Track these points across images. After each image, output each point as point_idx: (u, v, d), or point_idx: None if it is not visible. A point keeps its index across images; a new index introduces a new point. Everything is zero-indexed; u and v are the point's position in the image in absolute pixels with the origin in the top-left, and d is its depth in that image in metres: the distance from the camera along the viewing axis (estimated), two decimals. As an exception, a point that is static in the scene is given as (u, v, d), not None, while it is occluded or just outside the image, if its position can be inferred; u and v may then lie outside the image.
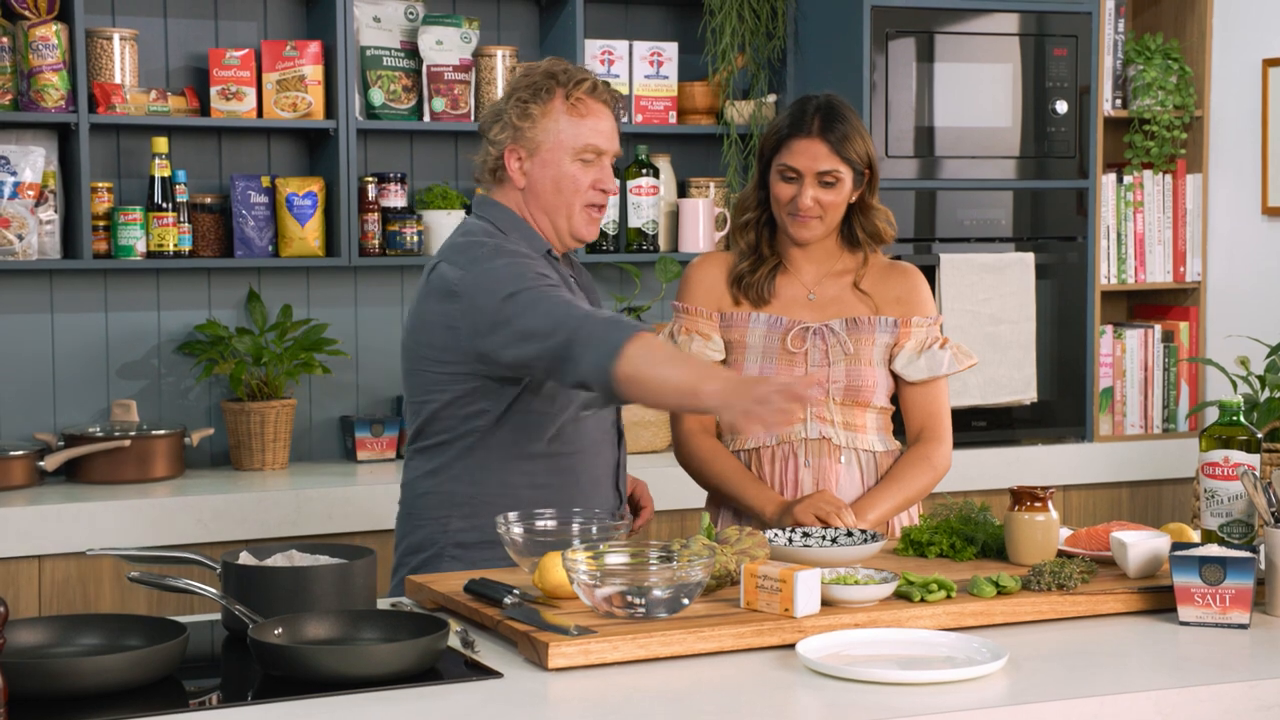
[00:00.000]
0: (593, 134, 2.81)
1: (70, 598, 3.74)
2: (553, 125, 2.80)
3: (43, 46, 3.97)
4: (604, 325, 2.57)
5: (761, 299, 3.03)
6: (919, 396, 3.07)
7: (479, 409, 2.77)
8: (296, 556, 2.46)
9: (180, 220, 4.14)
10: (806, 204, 2.96)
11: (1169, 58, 4.86)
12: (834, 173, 2.96)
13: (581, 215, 2.84)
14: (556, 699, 2.10)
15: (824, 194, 2.97)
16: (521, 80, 2.83)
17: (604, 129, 2.83)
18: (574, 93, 2.80)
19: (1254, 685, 2.17)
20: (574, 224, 2.84)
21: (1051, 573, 2.49)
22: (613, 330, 2.55)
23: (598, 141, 2.81)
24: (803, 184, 2.96)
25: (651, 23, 4.73)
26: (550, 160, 2.81)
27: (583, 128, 2.80)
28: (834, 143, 2.95)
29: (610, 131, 2.84)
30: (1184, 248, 4.94)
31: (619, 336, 2.53)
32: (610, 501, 2.89)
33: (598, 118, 2.82)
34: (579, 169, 2.81)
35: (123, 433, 4.06)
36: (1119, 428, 4.86)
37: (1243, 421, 2.71)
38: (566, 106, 2.80)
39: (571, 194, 2.82)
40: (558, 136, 2.80)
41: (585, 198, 2.82)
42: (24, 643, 2.18)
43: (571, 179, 2.81)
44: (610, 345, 2.53)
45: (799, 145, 2.96)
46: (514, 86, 2.84)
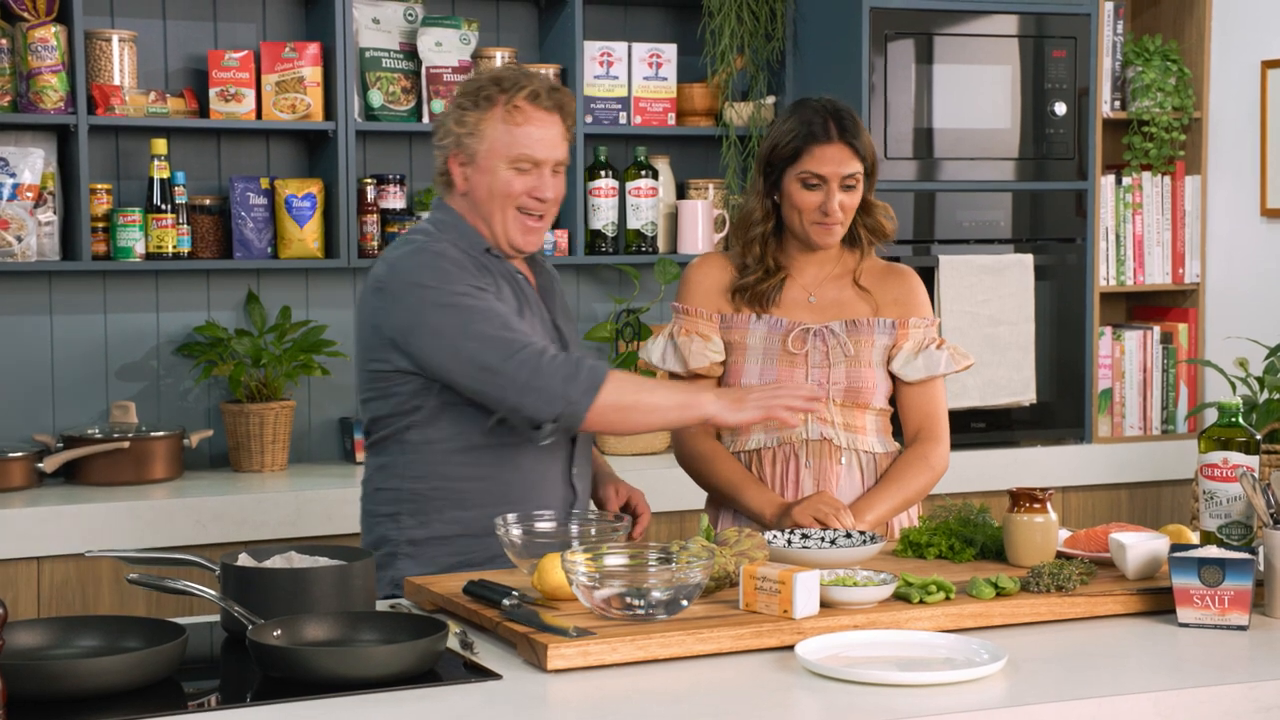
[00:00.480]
0: (527, 142, 2.79)
1: (69, 599, 3.74)
2: (489, 132, 2.79)
3: (41, 48, 3.97)
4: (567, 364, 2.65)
5: (764, 307, 3.03)
6: (916, 397, 3.07)
7: (414, 404, 2.79)
8: (295, 558, 2.46)
9: (179, 222, 4.14)
10: (834, 208, 2.96)
11: (1168, 59, 4.86)
12: (856, 175, 2.97)
13: (515, 223, 2.82)
14: (555, 701, 2.10)
15: (846, 197, 2.98)
16: (466, 86, 2.83)
17: (542, 136, 2.80)
18: (513, 99, 2.78)
19: (1253, 687, 2.17)
20: (509, 232, 2.83)
21: (1050, 574, 2.49)
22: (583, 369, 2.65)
23: (532, 150, 2.79)
24: (828, 190, 2.96)
25: (651, 24, 4.73)
26: (486, 167, 2.80)
27: (518, 135, 2.79)
28: (855, 146, 2.96)
29: (550, 140, 2.82)
30: (1183, 249, 4.94)
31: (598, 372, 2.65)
32: (562, 496, 2.85)
33: (536, 125, 2.80)
34: (513, 176, 2.80)
35: (122, 434, 4.06)
36: (1118, 429, 4.87)
37: (1241, 423, 2.71)
38: (504, 114, 2.79)
39: (504, 199, 2.81)
40: (493, 144, 2.79)
41: (517, 203, 2.81)
42: (23, 644, 2.18)
43: (504, 184, 2.80)
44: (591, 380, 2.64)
45: (822, 152, 2.95)
46: (460, 92, 2.84)
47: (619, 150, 4.68)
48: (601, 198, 4.53)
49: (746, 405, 2.72)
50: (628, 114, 4.56)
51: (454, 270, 2.74)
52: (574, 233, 4.49)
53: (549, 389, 2.66)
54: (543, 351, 2.68)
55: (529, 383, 2.66)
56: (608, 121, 4.54)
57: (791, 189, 2.99)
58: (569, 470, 2.87)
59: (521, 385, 2.67)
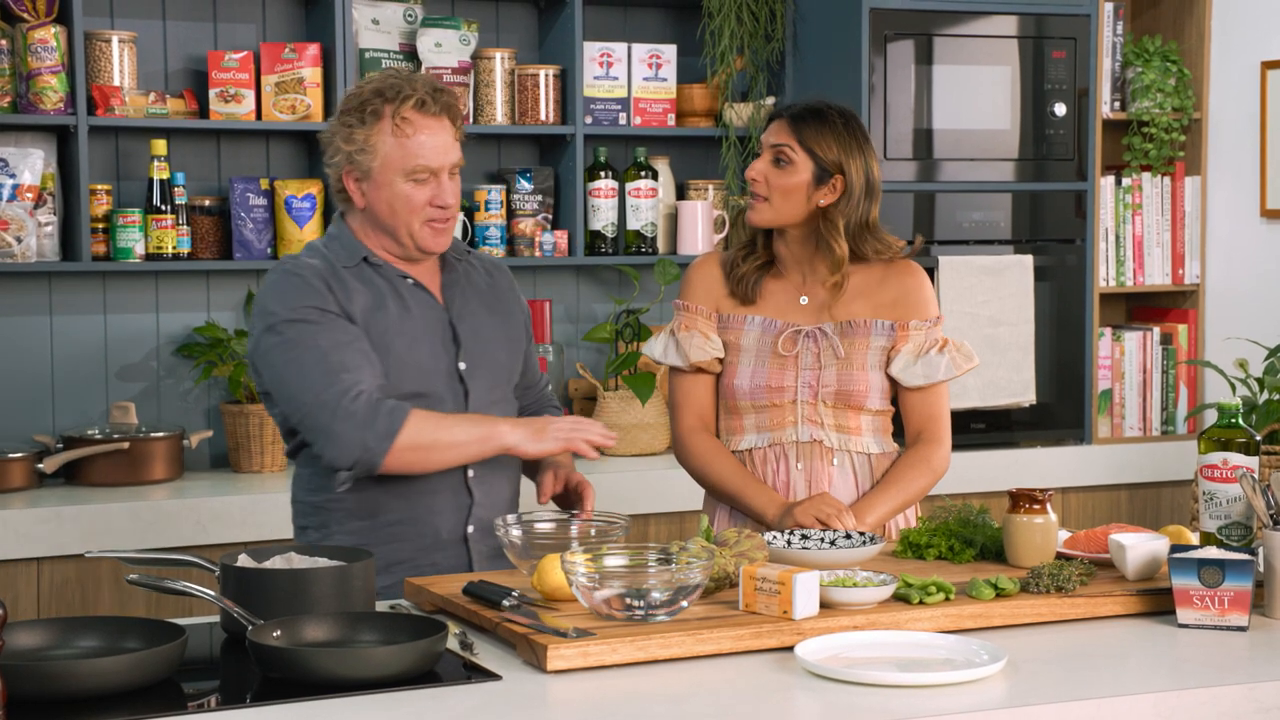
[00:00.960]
0: (421, 153, 2.76)
1: (69, 600, 3.74)
2: (380, 148, 2.76)
3: (41, 49, 3.97)
4: (367, 408, 2.64)
5: (749, 297, 3.03)
6: (918, 399, 3.06)
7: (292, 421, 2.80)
8: (295, 559, 2.46)
9: (179, 222, 4.14)
10: (752, 173, 2.97)
11: (1167, 60, 4.86)
12: (785, 149, 2.95)
13: (423, 231, 2.80)
14: (555, 701, 2.10)
15: (774, 172, 2.96)
16: (350, 101, 2.79)
17: (435, 144, 2.77)
18: (400, 111, 2.74)
19: (1253, 688, 2.17)
20: (418, 240, 2.81)
21: (1050, 575, 2.49)
22: (380, 414, 2.64)
23: (427, 161, 2.76)
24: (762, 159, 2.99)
25: (650, 25, 4.73)
26: (382, 182, 2.77)
27: (410, 147, 2.75)
28: (795, 125, 2.96)
29: (443, 146, 2.78)
30: (1182, 250, 4.94)
31: (396, 416, 2.64)
32: (460, 502, 2.82)
33: (427, 133, 2.76)
34: (412, 189, 2.77)
35: (121, 435, 4.06)
36: (1118, 430, 4.87)
37: (1241, 424, 2.71)
38: (392, 127, 2.75)
39: (408, 214, 2.78)
40: (386, 159, 2.76)
41: (422, 215, 2.79)
42: (23, 645, 2.18)
43: (405, 199, 2.77)
44: (388, 425, 2.64)
45: (771, 125, 3.01)
46: (344, 107, 2.79)
47: (619, 151, 4.68)
48: (601, 198, 4.53)
49: (546, 437, 2.71)
50: (627, 115, 4.56)
51: (299, 292, 2.72)
52: (574, 233, 4.49)
53: (345, 436, 2.65)
54: (344, 394, 2.65)
55: (328, 428, 2.66)
56: (607, 122, 4.54)
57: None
58: (464, 475, 2.84)
59: (321, 430, 2.67)
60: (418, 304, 2.84)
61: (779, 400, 2.99)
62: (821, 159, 2.95)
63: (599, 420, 4.48)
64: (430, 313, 2.85)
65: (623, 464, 4.35)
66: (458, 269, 2.93)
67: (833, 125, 2.96)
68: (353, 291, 2.78)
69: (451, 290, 2.90)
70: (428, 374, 2.79)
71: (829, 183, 2.96)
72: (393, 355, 2.78)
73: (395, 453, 2.65)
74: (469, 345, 2.86)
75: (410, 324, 2.81)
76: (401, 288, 2.83)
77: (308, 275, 2.76)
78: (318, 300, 2.73)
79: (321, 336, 2.70)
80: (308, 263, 2.79)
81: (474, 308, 2.91)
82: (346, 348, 2.71)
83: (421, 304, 2.84)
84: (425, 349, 2.81)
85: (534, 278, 4.61)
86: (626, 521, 2.72)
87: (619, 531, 2.69)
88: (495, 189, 4.45)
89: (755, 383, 3.00)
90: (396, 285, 2.83)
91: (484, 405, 2.85)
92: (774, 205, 2.97)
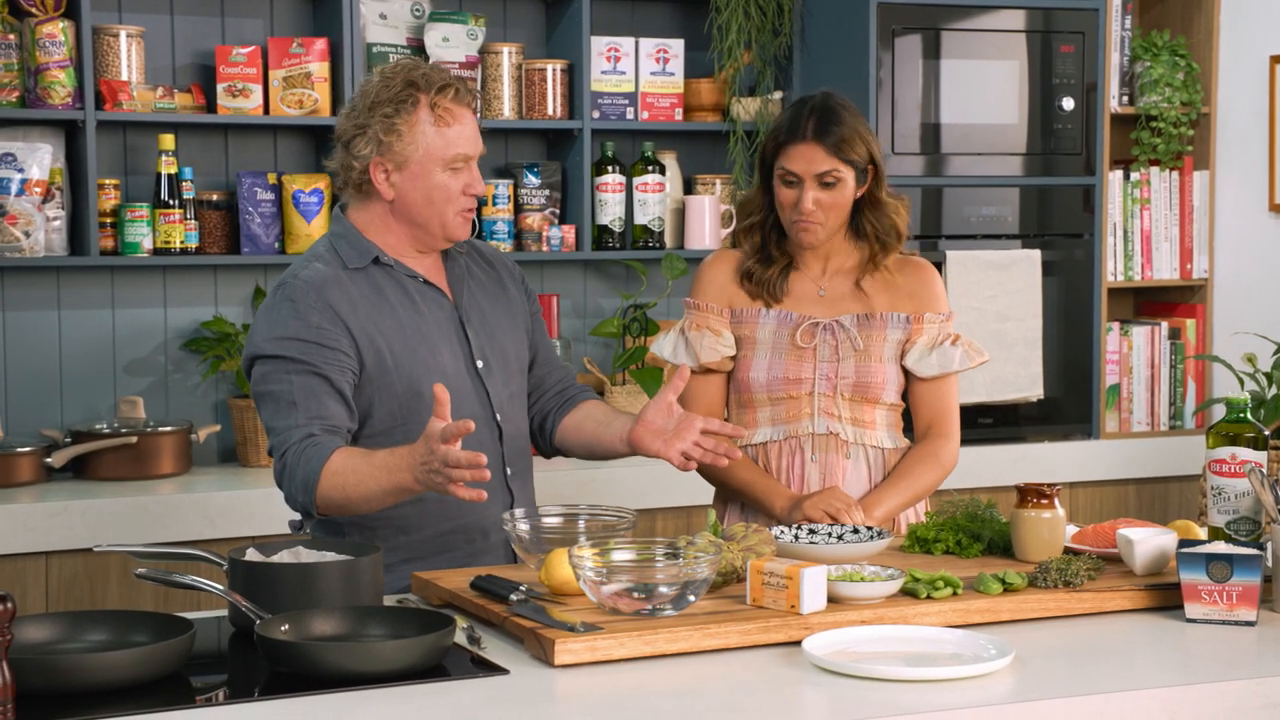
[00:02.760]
0: (460, 142, 2.77)
1: (77, 594, 3.74)
2: (421, 138, 2.75)
3: (49, 43, 3.97)
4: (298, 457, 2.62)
5: (774, 297, 3.03)
6: (928, 392, 3.07)
7: None
8: (303, 553, 2.46)
9: (187, 217, 4.14)
10: (808, 207, 2.95)
11: (1176, 54, 4.85)
12: (833, 173, 2.95)
13: (456, 220, 2.80)
14: (563, 696, 2.10)
15: (825, 195, 2.96)
16: (383, 92, 2.76)
17: (469, 134, 2.79)
18: (439, 101, 2.75)
19: (1261, 682, 2.17)
20: (449, 229, 2.80)
21: (1058, 570, 2.49)
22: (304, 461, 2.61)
23: (465, 149, 2.78)
24: (803, 188, 2.96)
25: (658, 19, 4.73)
26: (420, 173, 2.76)
27: (451, 135, 2.76)
28: (830, 145, 2.94)
29: (475, 135, 2.80)
30: (1191, 245, 4.93)
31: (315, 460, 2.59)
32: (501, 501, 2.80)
33: (462, 123, 2.78)
34: (449, 178, 2.77)
35: (129, 429, 4.06)
36: (1125, 425, 4.86)
37: (1250, 419, 2.70)
38: (433, 117, 2.75)
39: (444, 204, 2.78)
40: (427, 148, 2.75)
41: (458, 205, 2.79)
42: (31, 639, 2.19)
43: (443, 189, 2.77)
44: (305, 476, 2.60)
45: (796, 150, 2.96)
46: (376, 98, 2.76)
47: (626, 145, 4.68)
48: (608, 193, 4.53)
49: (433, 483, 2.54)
50: (635, 109, 4.56)
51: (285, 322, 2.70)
52: (581, 228, 4.49)
53: (285, 486, 2.66)
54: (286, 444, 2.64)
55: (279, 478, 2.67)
56: (615, 117, 4.54)
57: (775, 185, 3.00)
58: (504, 474, 2.84)
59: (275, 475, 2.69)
60: (430, 305, 2.82)
61: (795, 393, 2.99)
62: (858, 163, 2.97)
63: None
64: (441, 313, 2.83)
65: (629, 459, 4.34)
66: (459, 261, 2.91)
67: (851, 124, 2.97)
68: (359, 301, 2.75)
69: (458, 285, 2.88)
70: (450, 377, 2.77)
71: (866, 179, 3.00)
72: (418, 360, 2.76)
73: (320, 503, 2.62)
74: (480, 342, 2.85)
75: (426, 328, 2.79)
76: (412, 289, 2.82)
77: (300, 299, 2.72)
78: (302, 331, 2.70)
79: (294, 374, 2.68)
80: (305, 281, 2.74)
81: (478, 300, 2.90)
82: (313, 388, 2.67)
83: (433, 304, 2.83)
84: (445, 352, 2.80)
85: (541, 272, 4.61)
86: (634, 516, 2.71)
87: (626, 526, 2.69)
88: (503, 183, 4.45)
89: (772, 375, 3.00)
90: (407, 287, 2.81)
91: (503, 401, 2.84)
92: (829, 224, 2.99)
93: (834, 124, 2.95)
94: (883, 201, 3.03)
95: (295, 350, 2.69)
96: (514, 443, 2.87)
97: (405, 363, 2.75)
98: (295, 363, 2.68)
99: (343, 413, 2.69)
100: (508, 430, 2.84)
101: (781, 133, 2.98)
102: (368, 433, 2.76)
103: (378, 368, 2.73)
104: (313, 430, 2.64)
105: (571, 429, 2.97)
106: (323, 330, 2.70)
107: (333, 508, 2.62)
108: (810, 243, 3.00)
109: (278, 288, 2.77)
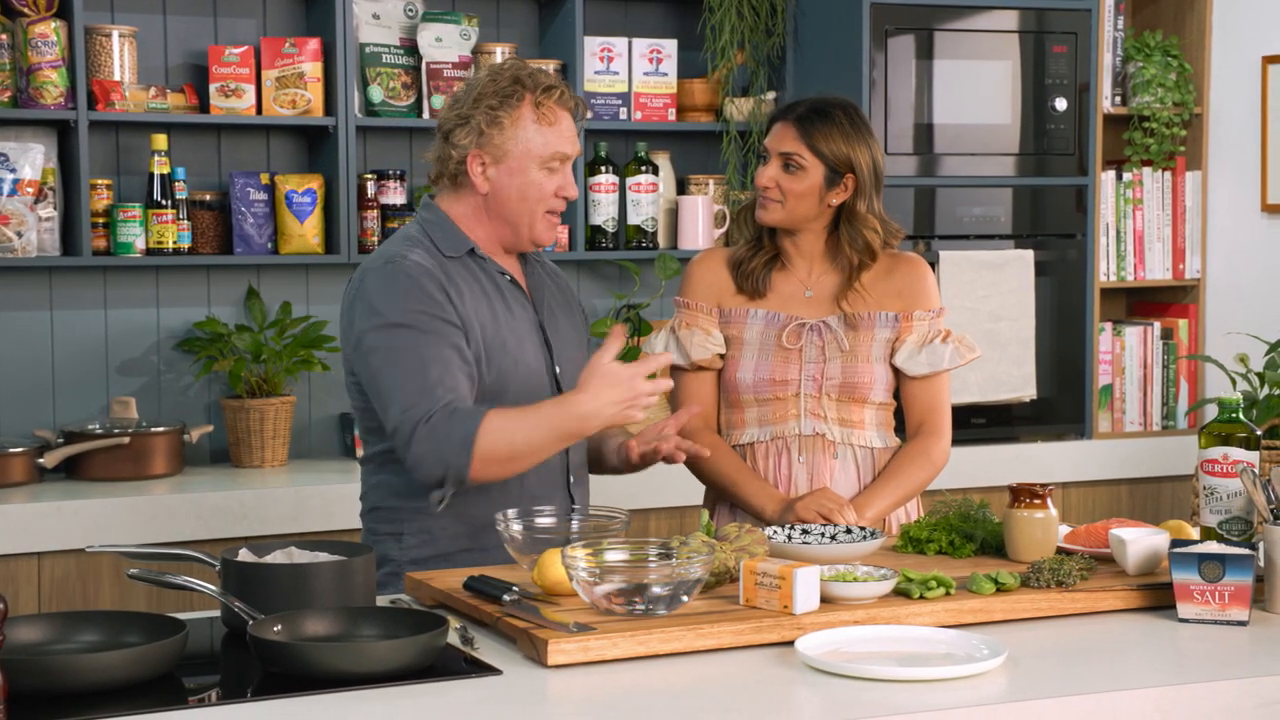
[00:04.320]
0: (559, 141, 2.78)
1: (69, 595, 3.74)
2: (522, 133, 2.76)
3: (42, 43, 3.97)
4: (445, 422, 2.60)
5: (757, 290, 3.03)
6: (919, 390, 3.07)
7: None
8: (296, 553, 2.46)
9: (179, 217, 4.14)
10: (763, 180, 2.97)
11: (1168, 55, 4.86)
12: (796, 157, 2.96)
13: (543, 222, 2.81)
14: (556, 696, 2.10)
15: (785, 178, 2.97)
16: (489, 86, 2.78)
17: (569, 135, 2.81)
18: (543, 100, 2.77)
19: (1253, 682, 2.17)
20: (535, 231, 2.81)
21: (1050, 570, 2.49)
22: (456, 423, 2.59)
23: (564, 148, 2.79)
24: (770, 164, 2.98)
25: (651, 20, 4.73)
26: (517, 168, 2.78)
27: (551, 135, 2.78)
28: (802, 130, 2.96)
29: (574, 136, 2.82)
30: (1183, 245, 4.94)
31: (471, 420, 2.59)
32: (561, 505, 2.80)
33: (563, 125, 2.80)
34: (544, 177, 2.78)
35: (122, 430, 4.06)
36: (1118, 425, 4.87)
37: (1242, 419, 2.71)
38: (536, 115, 2.77)
39: (536, 202, 2.79)
40: (527, 145, 2.77)
41: (548, 205, 2.80)
42: (23, 639, 2.18)
43: (537, 187, 2.78)
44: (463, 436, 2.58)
45: (775, 128, 3.01)
46: (481, 91, 2.78)
47: (619, 146, 4.68)
48: (602, 193, 4.53)
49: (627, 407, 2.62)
50: (628, 109, 4.56)
51: (410, 294, 2.69)
52: (574, 228, 4.49)
53: (428, 454, 2.61)
54: (431, 411, 2.61)
55: (413, 445, 2.62)
56: (608, 117, 4.54)
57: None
58: (567, 480, 2.86)
59: (406, 446, 2.63)
60: (517, 304, 2.83)
61: (782, 394, 3.00)
62: (831, 161, 2.96)
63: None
64: (525, 313, 2.84)
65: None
66: (535, 269, 2.93)
67: (839, 124, 2.96)
68: (462, 287, 2.76)
69: (538, 292, 2.90)
70: (533, 374, 2.79)
71: (840, 183, 2.98)
72: (508, 354, 2.77)
73: (478, 464, 2.60)
74: (558, 349, 2.87)
75: (515, 324, 2.80)
76: (502, 285, 2.83)
77: (419, 275, 2.71)
78: (427, 304, 2.69)
79: (425, 346, 2.67)
80: (415, 261, 2.73)
81: (553, 309, 2.91)
82: (448, 359, 2.67)
83: (519, 304, 2.83)
84: (530, 350, 2.81)
85: (534, 272, 4.61)
86: (627, 516, 2.71)
87: (619, 526, 2.69)
88: (496, 184, 4.45)
89: (759, 376, 3.00)
90: (498, 283, 2.82)
91: None
92: (787, 207, 2.99)
93: (820, 116, 2.97)
94: (861, 216, 2.99)
95: (425, 322, 2.67)
96: (577, 452, 2.89)
97: (496, 354, 2.76)
98: (427, 334, 2.66)
99: (469, 389, 2.68)
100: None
101: (775, 113, 3.05)
102: None
103: (475, 354, 2.74)
104: (450, 399, 2.63)
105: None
106: (446, 307, 2.71)
107: (494, 463, 2.60)
108: (763, 219, 3.01)
109: (386, 266, 2.73)
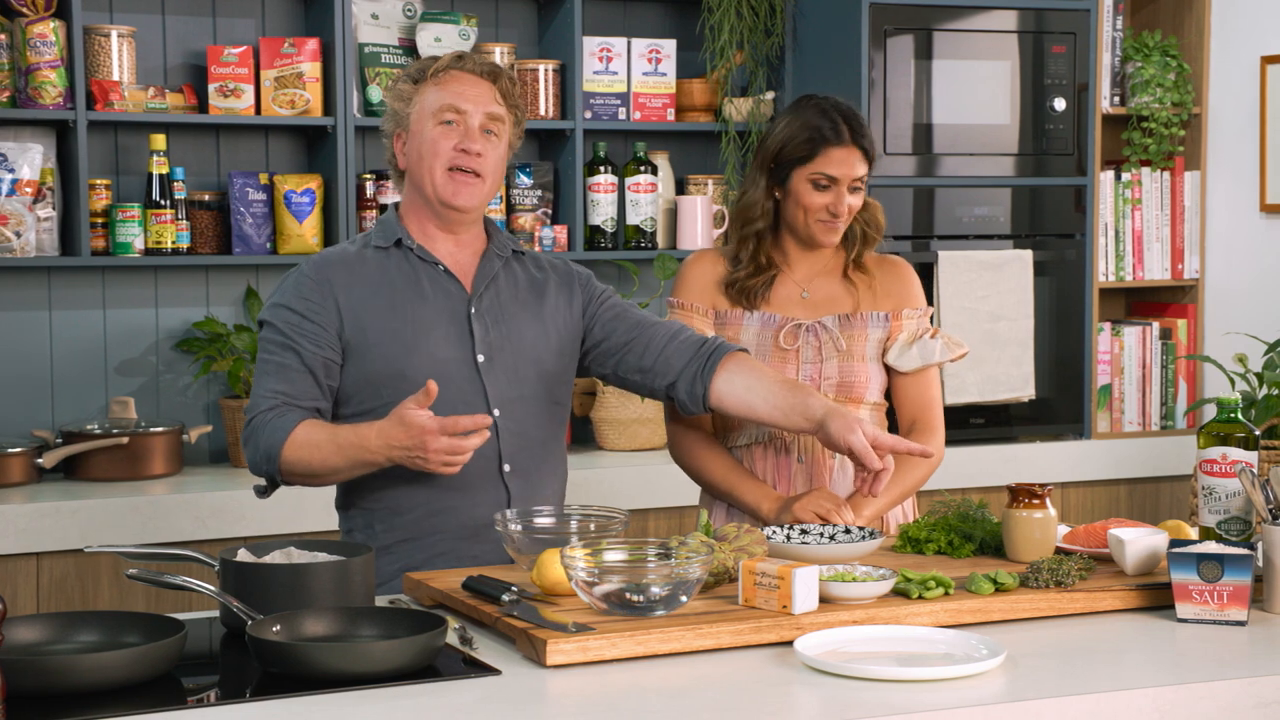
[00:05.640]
0: (451, 96, 2.80)
1: (68, 595, 3.74)
2: (420, 100, 2.82)
3: (40, 43, 3.97)
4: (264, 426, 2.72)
5: (753, 305, 3.03)
6: (911, 387, 3.07)
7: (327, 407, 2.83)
8: (294, 553, 2.46)
9: (178, 217, 4.14)
10: (844, 210, 2.99)
11: (1167, 55, 4.86)
12: (863, 178, 3.00)
13: (444, 179, 2.80)
14: (555, 696, 2.10)
15: (853, 199, 3.01)
16: (402, 73, 2.90)
17: (468, 92, 2.81)
18: (442, 69, 2.83)
19: (1252, 682, 2.17)
20: (438, 189, 2.80)
21: (1049, 570, 2.49)
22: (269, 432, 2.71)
23: (454, 101, 2.80)
24: (838, 191, 2.97)
25: (650, 20, 4.73)
26: (416, 130, 2.82)
27: (444, 92, 2.81)
28: (865, 148, 2.99)
29: (478, 95, 2.82)
30: (1182, 245, 4.94)
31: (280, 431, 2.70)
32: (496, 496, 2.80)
33: (461, 84, 2.82)
34: (439, 132, 2.79)
35: (121, 430, 4.06)
36: (1117, 425, 4.87)
37: (1240, 419, 2.71)
38: (435, 82, 2.82)
39: (431, 158, 2.80)
40: (422, 108, 2.82)
41: (447, 160, 2.79)
42: (22, 640, 2.18)
43: (431, 143, 2.80)
44: (269, 446, 2.70)
45: (835, 154, 2.96)
46: (395, 79, 2.90)
47: (618, 146, 4.68)
48: (601, 193, 4.53)
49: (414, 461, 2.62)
50: (627, 109, 4.56)
51: (285, 290, 2.81)
52: (573, 228, 4.49)
53: (250, 448, 2.75)
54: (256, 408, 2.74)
55: (244, 444, 2.78)
56: (607, 117, 4.54)
57: (800, 189, 2.98)
58: (500, 469, 2.82)
59: (241, 440, 2.80)
60: (438, 293, 2.82)
61: (780, 395, 3.00)
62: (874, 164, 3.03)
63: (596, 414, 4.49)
64: (449, 302, 2.83)
65: (621, 459, 4.35)
66: (499, 262, 2.90)
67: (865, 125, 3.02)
68: (357, 278, 2.80)
69: (484, 282, 2.87)
70: (441, 363, 2.78)
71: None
72: (399, 343, 2.78)
73: (286, 474, 2.73)
74: (487, 338, 2.83)
75: (424, 314, 2.80)
76: (424, 274, 2.84)
77: (306, 273, 2.81)
78: (294, 301, 2.78)
79: (274, 349, 2.78)
80: (319, 258, 2.85)
81: (501, 298, 2.87)
82: (287, 364, 2.75)
83: (442, 292, 2.83)
84: (442, 341, 2.80)
85: (533, 273, 4.61)
86: (625, 516, 2.71)
87: (618, 526, 2.69)
88: (494, 184, 4.45)
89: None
90: (420, 272, 2.84)
91: (506, 399, 2.83)
92: (848, 222, 3.04)
93: (864, 128, 3.01)
94: (868, 202, 3.08)
95: (281, 320, 2.79)
96: (516, 440, 2.83)
97: (385, 344, 2.77)
98: (278, 333, 2.78)
99: (310, 389, 2.77)
100: (508, 427, 2.82)
101: (813, 138, 2.96)
102: (349, 411, 2.80)
103: (359, 345, 2.77)
104: (278, 403, 2.74)
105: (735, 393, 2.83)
106: (310, 304, 2.77)
107: (296, 477, 2.74)
108: (832, 242, 3.04)
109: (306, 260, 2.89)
